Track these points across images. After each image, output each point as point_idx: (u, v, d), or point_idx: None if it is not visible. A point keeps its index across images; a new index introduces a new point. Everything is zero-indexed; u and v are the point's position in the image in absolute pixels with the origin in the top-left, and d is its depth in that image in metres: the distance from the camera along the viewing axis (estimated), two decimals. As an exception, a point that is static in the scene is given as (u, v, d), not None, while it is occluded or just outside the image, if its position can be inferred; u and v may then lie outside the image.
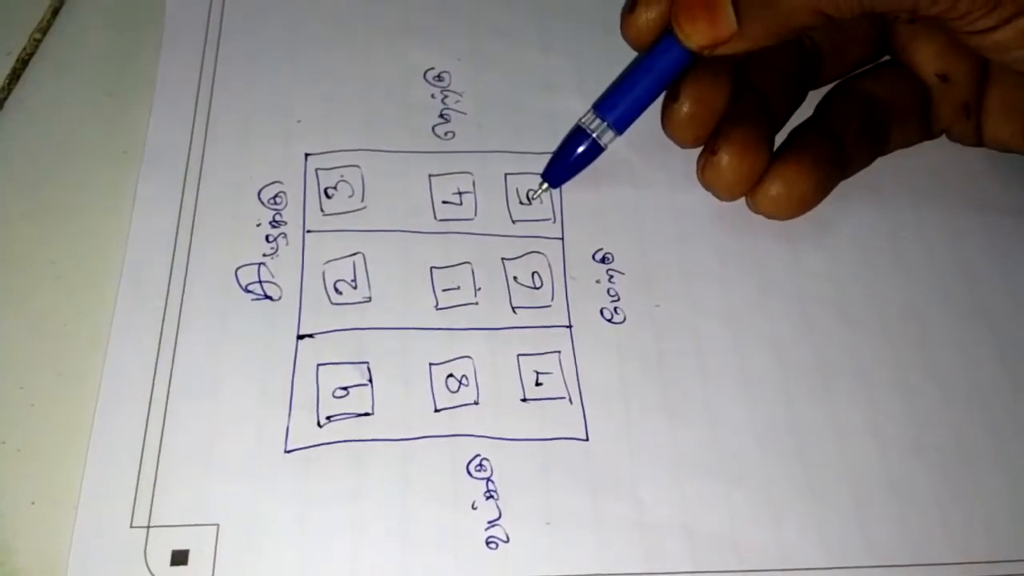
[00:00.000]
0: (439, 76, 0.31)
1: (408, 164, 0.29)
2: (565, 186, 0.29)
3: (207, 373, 0.25)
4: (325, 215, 0.28)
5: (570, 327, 0.27)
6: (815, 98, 0.29)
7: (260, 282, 0.27)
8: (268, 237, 0.27)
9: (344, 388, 0.25)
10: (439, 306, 0.27)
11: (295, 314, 0.26)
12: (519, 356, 0.26)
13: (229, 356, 0.25)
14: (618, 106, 0.28)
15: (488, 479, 0.24)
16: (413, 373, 0.26)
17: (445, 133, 0.30)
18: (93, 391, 0.24)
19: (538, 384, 0.26)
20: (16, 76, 0.30)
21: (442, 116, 0.30)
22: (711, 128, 0.27)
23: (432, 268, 0.27)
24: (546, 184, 0.29)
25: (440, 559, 0.23)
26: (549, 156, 0.29)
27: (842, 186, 0.29)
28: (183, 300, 0.26)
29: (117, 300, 0.26)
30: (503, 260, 0.28)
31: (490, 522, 0.24)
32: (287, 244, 0.27)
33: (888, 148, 0.29)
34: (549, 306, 0.27)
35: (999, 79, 0.28)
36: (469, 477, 0.24)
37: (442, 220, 0.28)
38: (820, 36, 0.29)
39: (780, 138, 0.29)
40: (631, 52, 0.28)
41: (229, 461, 0.24)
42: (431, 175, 0.29)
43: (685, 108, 0.27)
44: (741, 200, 0.29)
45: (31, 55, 0.30)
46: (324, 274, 0.27)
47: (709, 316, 0.27)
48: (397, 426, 0.25)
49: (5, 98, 0.29)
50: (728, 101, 0.27)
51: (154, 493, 0.23)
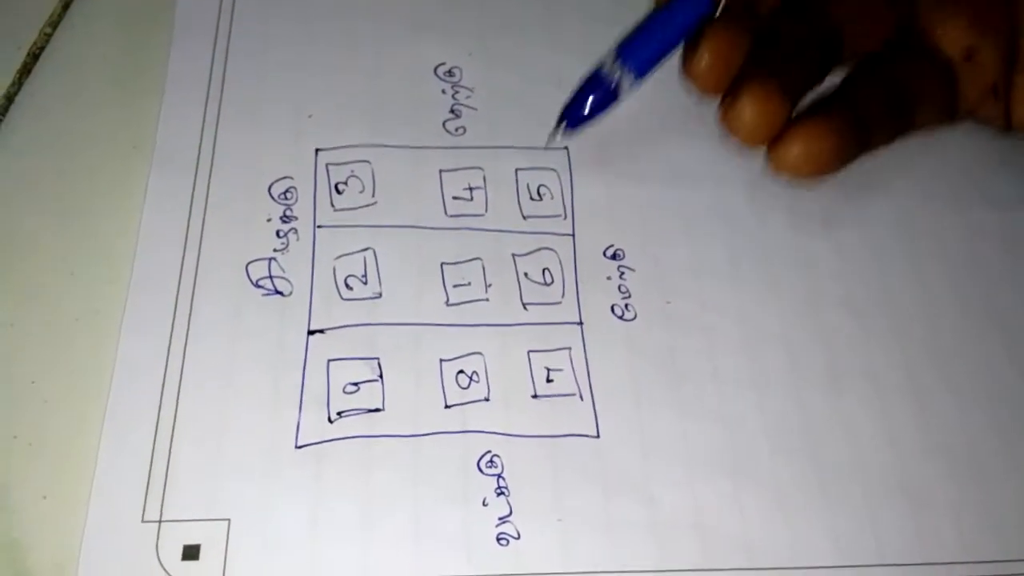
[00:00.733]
0: (450, 71, 0.31)
1: (419, 159, 0.29)
2: (576, 181, 0.29)
3: (218, 368, 0.25)
4: (336, 210, 0.28)
5: (581, 324, 0.27)
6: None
7: (271, 277, 0.27)
8: (279, 232, 0.27)
9: (355, 384, 0.25)
10: (450, 302, 0.27)
11: (306, 309, 0.26)
12: (530, 352, 0.26)
13: (240, 351, 0.25)
14: (639, 52, 0.28)
15: (499, 475, 0.24)
16: (424, 369, 0.26)
17: (456, 129, 0.30)
18: (105, 386, 0.24)
19: (549, 381, 0.26)
20: (27, 70, 0.30)
21: (453, 111, 0.30)
22: (729, 78, 0.27)
23: (443, 264, 0.27)
24: (563, 126, 0.28)
25: (451, 555, 0.23)
26: (561, 151, 0.30)
27: (853, 184, 0.29)
28: (194, 295, 0.26)
29: (128, 295, 0.26)
30: (514, 256, 0.28)
31: (501, 518, 0.24)
32: (298, 239, 0.27)
33: (912, 129, 0.29)
34: (560, 303, 0.27)
35: None
36: (480, 473, 0.24)
37: (453, 216, 0.28)
38: (838, 13, 0.28)
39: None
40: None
41: (240, 456, 0.24)
42: (442, 170, 0.29)
43: (706, 56, 0.27)
44: (752, 198, 0.29)
45: (42, 49, 0.30)
46: (335, 269, 0.27)
47: (720, 314, 0.27)
48: (408, 422, 0.25)
49: (16, 92, 0.29)
50: (747, 53, 0.27)
51: (165, 488, 0.23)
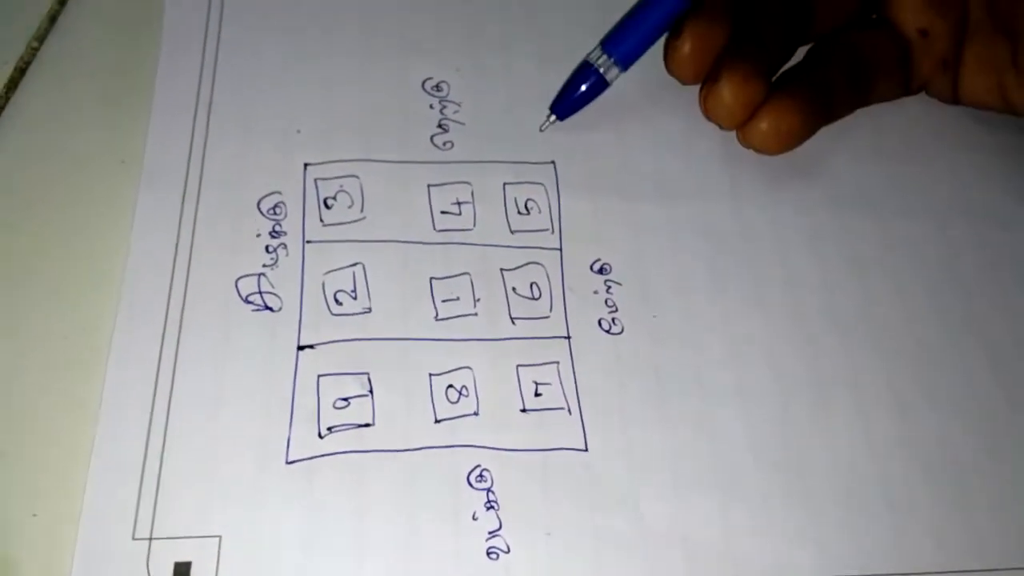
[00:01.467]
0: (437, 86, 0.31)
1: (407, 174, 0.29)
2: (563, 195, 0.29)
3: (208, 384, 0.25)
4: (325, 225, 0.28)
5: (568, 338, 0.27)
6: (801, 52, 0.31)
7: (260, 293, 0.27)
8: (268, 248, 0.27)
9: (345, 399, 0.25)
10: (439, 317, 0.27)
11: (295, 325, 0.26)
12: (518, 367, 0.26)
13: (230, 367, 0.25)
14: (624, 43, 0.29)
15: (488, 490, 0.25)
16: (413, 384, 0.26)
17: (444, 143, 0.30)
18: (95, 402, 0.24)
19: (537, 395, 0.26)
20: (14, 85, 0.30)
21: (441, 126, 0.30)
22: (709, 65, 0.29)
23: (432, 279, 0.28)
24: (554, 117, 0.30)
25: (441, 569, 0.23)
26: (548, 165, 0.30)
27: (834, 197, 0.30)
28: (184, 311, 0.26)
29: (118, 311, 0.26)
30: (502, 271, 0.28)
31: (491, 532, 0.24)
32: (287, 255, 0.27)
33: (870, 99, 0.31)
34: (548, 317, 0.27)
35: (976, 37, 0.30)
36: (470, 488, 0.24)
37: (441, 231, 0.28)
38: None
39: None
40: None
41: (231, 472, 0.24)
42: (430, 185, 0.29)
43: (687, 45, 0.29)
44: (737, 212, 0.30)
45: (28, 63, 0.30)
46: (324, 285, 0.27)
47: (705, 327, 0.28)
48: (398, 437, 0.25)
49: (3, 107, 0.29)
50: (726, 40, 0.29)
51: (156, 505, 0.23)
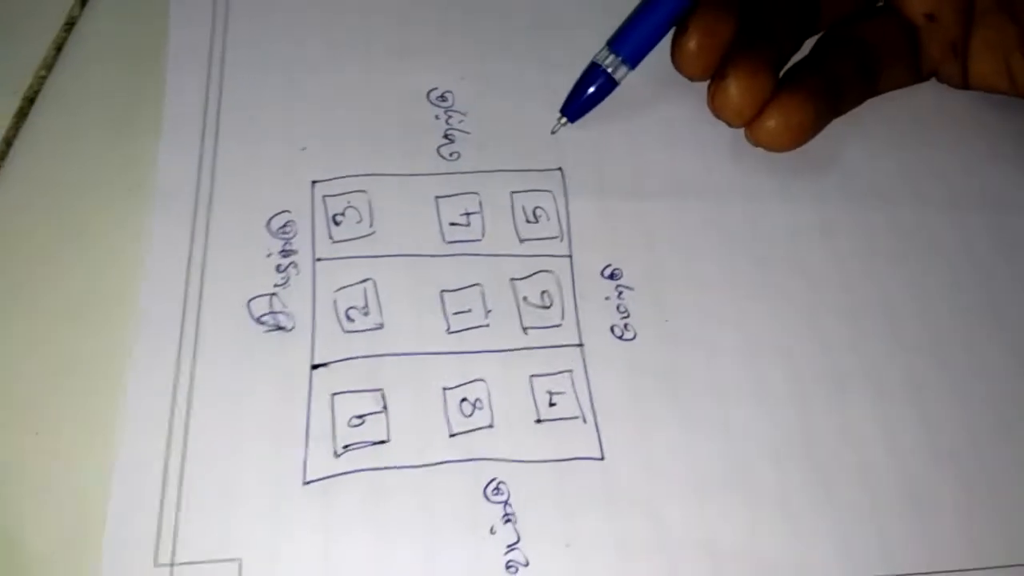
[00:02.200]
0: (442, 96, 0.31)
1: (414, 187, 0.29)
2: (571, 202, 0.29)
3: (224, 407, 0.25)
4: (334, 242, 0.28)
5: (581, 346, 0.27)
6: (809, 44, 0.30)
7: (272, 313, 0.27)
8: (279, 267, 0.28)
9: (360, 416, 0.25)
10: (451, 329, 0.27)
11: (308, 344, 0.26)
12: (532, 377, 0.26)
13: (245, 389, 0.26)
14: (630, 41, 0.29)
15: (505, 502, 0.25)
16: (427, 398, 0.26)
17: (450, 154, 0.30)
18: (113, 429, 0.25)
19: (552, 404, 0.26)
20: (23, 115, 0.30)
21: (446, 136, 0.30)
22: (717, 61, 0.29)
23: (442, 291, 0.27)
24: (564, 119, 0.30)
25: (461, 585, 0.23)
26: (555, 172, 0.30)
27: (846, 190, 0.30)
28: (198, 334, 0.26)
29: (133, 337, 0.26)
30: (512, 280, 0.28)
31: (509, 546, 0.24)
32: (298, 273, 0.27)
33: (880, 88, 0.31)
34: (560, 325, 0.27)
35: (984, 20, 0.29)
36: (486, 501, 0.24)
37: (450, 242, 0.28)
38: None
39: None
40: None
41: (249, 495, 0.24)
42: (438, 197, 0.29)
43: (693, 41, 0.28)
44: (747, 211, 0.29)
45: (37, 93, 0.30)
46: (336, 302, 0.27)
47: (719, 328, 0.27)
48: (413, 453, 0.25)
49: (14, 137, 0.29)
50: (733, 35, 0.28)
51: (177, 530, 0.24)
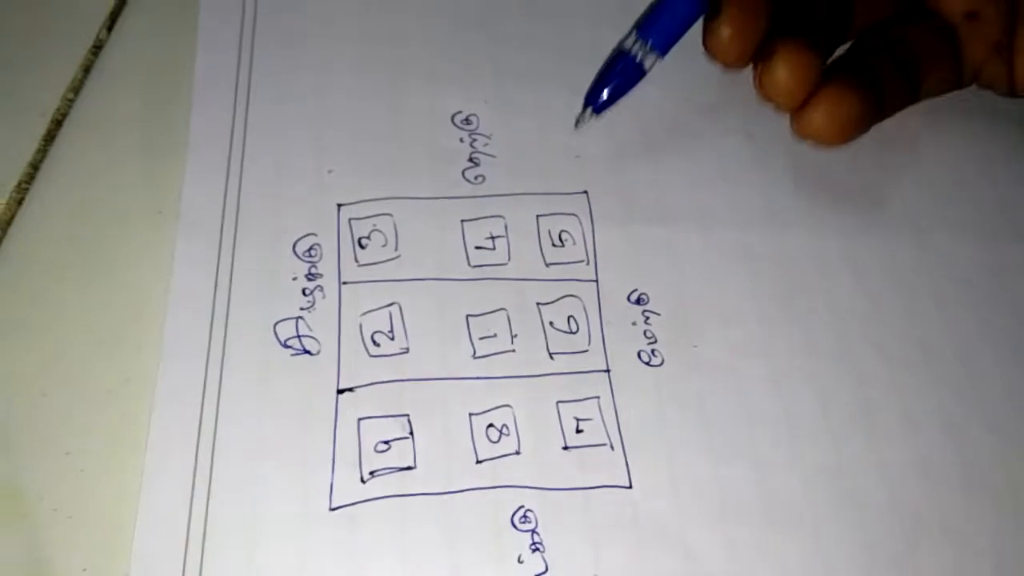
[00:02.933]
0: (467, 119, 0.31)
1: (440, 210, 0.29)
2: (597, 225, 0.29)
3: (251, 432, 0.25)
4: (360, 265, 0.28)
5: (608, 371, 0.27)
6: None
7: (299, 336, 0.27)
8: (305, 290, 0.28)
9: (386, 442, 0.25)
10: (477, 355, 0.27)
11: (334, 368, 0.26)
12: (559, 403, 0.26)
13: (271, 414, 0.25)
14: (660, 26, 0.28)
15: (533, 531, 0.24)
16: (454, 424, 0.26)
17: (475, 177, 0.30)
18: (140, 454, 0.24)
19: (579, 431, 0.26)
20: (51, 137, 0.30)
21: (471, 160, 0.30)
22: (753, 47, 0.27)
23: (468, 316, 0.27)
24: (590, 110, 0.28)
25: (488, 615, 0.23)
26: (581, 195, 0.30)
27: (875, 219, 0.30)
28: (224, 359, 0.26)
29: (160, 362, 0.26)
30: (538, 305, 0.28)
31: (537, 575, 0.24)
32: (323, 297, 0.27)
33: (922, 93, 0.30)
34: (586, 351, 0.27)
35: None
36: (514, 529, 0.24)
37: (476, 266, 0.28)
38: None
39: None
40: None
41: (276, 521, 0.24)
42: (463, 220, 0.29)
43: (727, 25, 0.27)
44: (775, 238, 0.29)
45: (64, 115, 0.30)
46: (361, 326, 0.27)
47: (748, 356, 0.27)
48: (440, 479, 0.25)
49: (41, 160, 0.30)
50: (768, 20, 0.27)
51: (203, 555, 0.23)
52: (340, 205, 0.29)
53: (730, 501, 0.25)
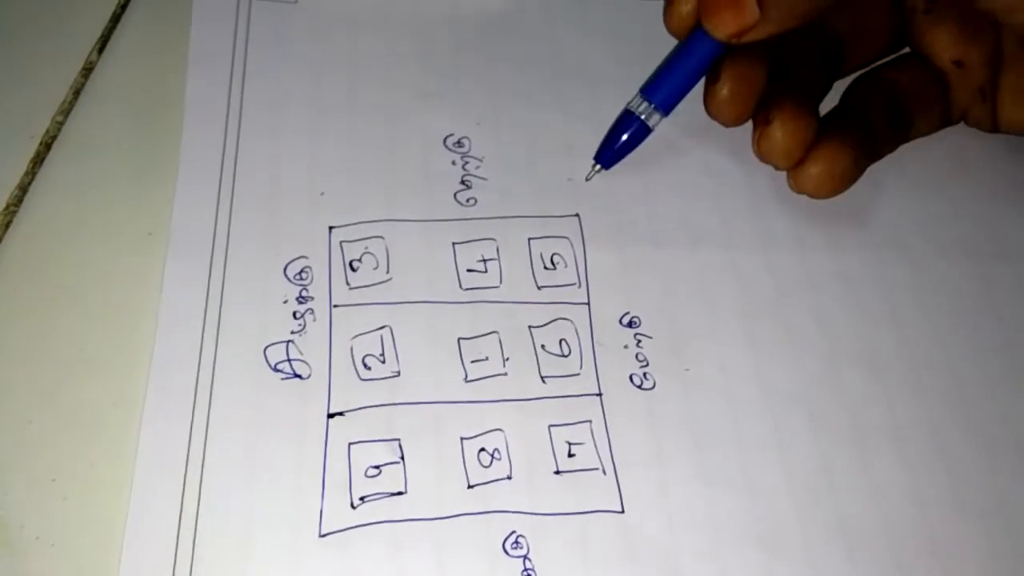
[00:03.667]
0: (459, 142, 0.31)
1: (431, 233, 0.29)
2: (589, 248, 0.29)
3: (240, 457, 0.25)
4: (351, 288, 0.28)
5: (600, 395, 0.27)
6: (839, 91, 0.31)
7: (289, 360, 0.27)
8: (295, 314, 0.27)
9: (376, 467, 0.25)
10: (468, 378, 0.27)
11: (325, 392, 0.26)
12: (550, 427, 0.26)
13: (261, 439, 0.25)
14: (663, 89, 0.29)
15: (525, 557, 0.24)
16: (445, 449, 0.26)
17: (467, 200, 0.30)
18: (126, 479, 0.24)
19: (571, 455, 0.26)
20: (40, 159, 0.30)
21: (463, 182, 0.30)
22: (751, 107, 0.29)
23: (460, 339, 0.27)
24: (599, 166, 0.30)
25: (480, 642, 0.23)
26: (572, 218, 0.30)
27: (866, 240, 0.30)
28: (213, 383, 0.26)
29: (148, 386, 0.25)
30: (530, 328, 0.28)
31: (529, 602, 0.23)
32: (314, 320, 0.27)
33: (912, 134, 0.31)
34: (578, 374, 0.27)
35: (1012, 65, 0.29)
36: (506, 555, 0.24)
37: (468, 289, 0.28)
38: (840, 25, 0.30)
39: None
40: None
41: (265, 548, 0.24)
42: (455, 243, 0.29)
43: (726, 88, 0.28)
44: (765, 259, 0.29)
45: (54, 138, 0.30)
46: (352, 349, 0.27)
47: (739, 378, 0.27)
48: (431, 505, 0.25)
49: (30, 182, 0.29)
50: (765, 81, 0.29)
51: (190, 583, 0.23)
52: (331, 227, 0.29)
53: (722, 525, 0.25)
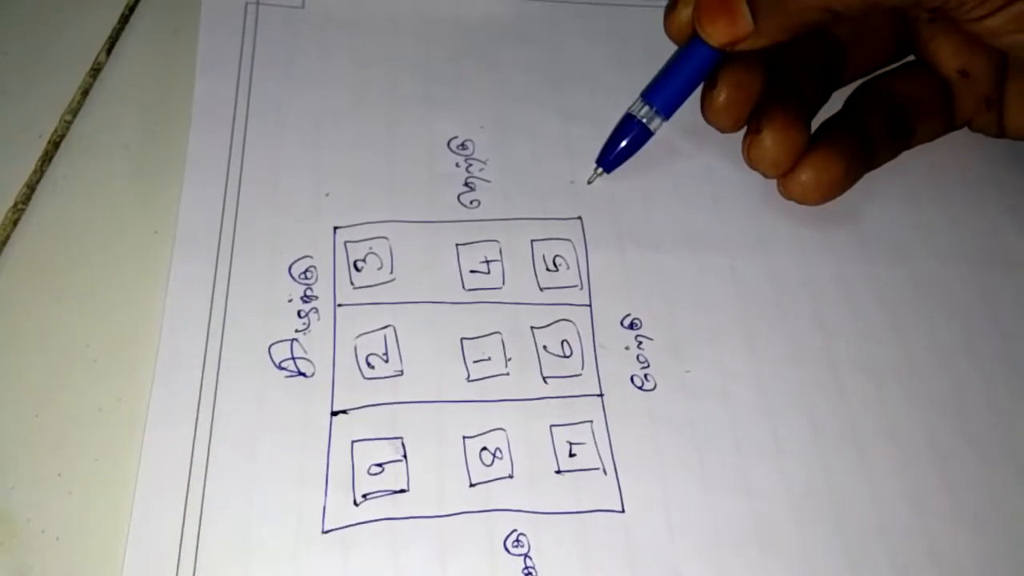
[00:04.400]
0: (463, 144, 0.31)
1: (435, 234, 0.29)
2: (591, 251, 0.29)
3: (244, 453, 0.25)
4: (355, 288, 0.28)
5: (601, 396, 0.27)
6: (841, 98, 0.31)
7: (293, 359, 0.27)
8: (300, 312, 0.28)
9: (379, 464, 0.25)
10: (471, 378, 0.27)
11: (328, 390, 0.26)
12: (552, 427, 0.26)
13: (265, 436, 0.25)
14: (663, 93, 0.30)
15: (526, 555, 0.24)
16: (447, 447, 0.26)
17: (471, 202, 0.30)
18: (131, 475, 0.24)
19: (572, 455, 0.26)
20: (48, 158, 0.30)
21: (467, 184, 0.31)
22: (747, 113, 0.29)
23: (463, 339, 0.27)
24: (600, 169, 0.30)
25: (480, 639, 0.23)
26: (575, 221, 0.30)
27: (865, 244, 0.30)
28: (218, 380, 0.26)
29: (153, 382, 0.26)
30: (532, 329, 0.28)
31: (529, 600, 0.24)
32: (319, 319, 0.28)
33: (913, 142, 0.31)
34: (580, 375, 0.27)
35: (1018, 73, 0.29)
36: (507, 554, 0.24)
37: (471, 290, 0.28)
38: (842, 32, 0.31)
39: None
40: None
41: (268, 544, 0.24)
42: (458, 244, 0.29)
43: (723, 95, 0.29)
44: (766, 263, 0.29)
45: (62, 137, 0.31)
46: (356, 348, 0.27)
47: (739, 381, 0.27)
48: (433, 503, 0.25)
49: (38, 180, 0.30)
50: (762, 87, 0.29)
51: (194, 578, 0.23)
52: (336, 228, 0.29)
53: (721, 526, 0.25)
